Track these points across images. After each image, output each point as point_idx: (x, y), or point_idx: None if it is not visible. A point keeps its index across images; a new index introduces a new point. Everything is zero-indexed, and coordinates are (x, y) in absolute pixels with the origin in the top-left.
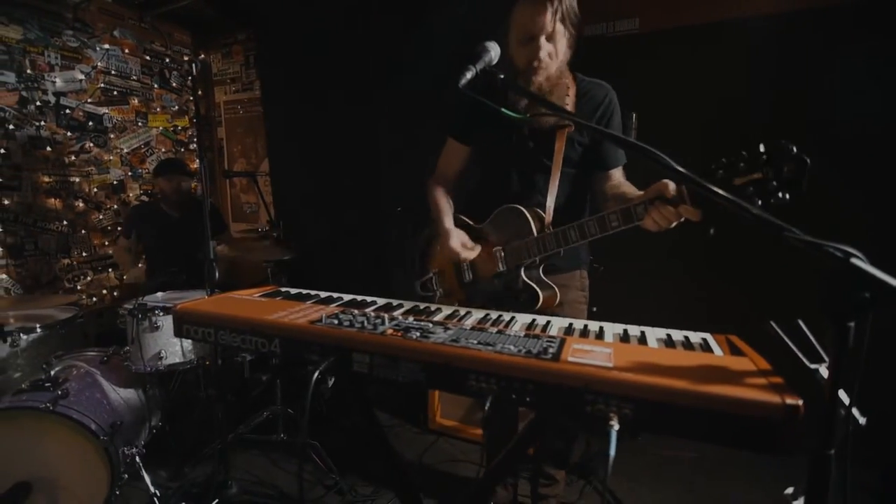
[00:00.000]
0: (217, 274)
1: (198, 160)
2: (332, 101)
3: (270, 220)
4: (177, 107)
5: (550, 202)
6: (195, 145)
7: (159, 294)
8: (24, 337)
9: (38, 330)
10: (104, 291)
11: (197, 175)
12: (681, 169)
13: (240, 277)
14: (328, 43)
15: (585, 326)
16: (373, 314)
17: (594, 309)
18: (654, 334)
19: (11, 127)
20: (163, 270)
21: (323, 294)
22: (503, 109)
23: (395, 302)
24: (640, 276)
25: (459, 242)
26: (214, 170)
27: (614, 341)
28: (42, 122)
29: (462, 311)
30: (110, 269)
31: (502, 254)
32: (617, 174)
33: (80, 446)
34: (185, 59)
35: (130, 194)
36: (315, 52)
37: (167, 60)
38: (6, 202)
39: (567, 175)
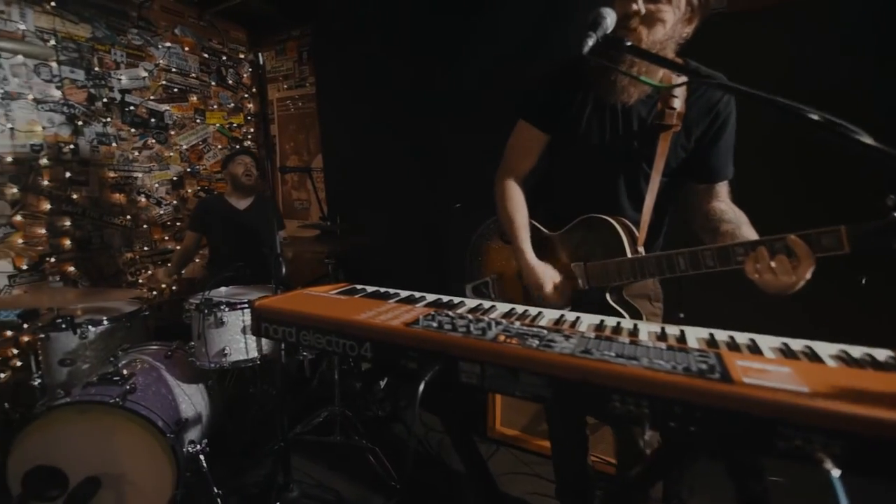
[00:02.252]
0: (284, 269)
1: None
2: (389, 94)
3: (323, 216)
4: (232, 104)
5: (646, 216)
6: (249, 142)
7: (223, 289)
8: (92, 329)
9: (105, 322)
10: (163, 286)
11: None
12: None
13: (297, 273)
14: (385, 34)
15: (732, 338)
16: (471, 316)
17: (681, 315)
18: (824, 349)
19: (80, 123)
20: (228, 265)
21: (403, 293)
22: (642, 78)
23: (486, 303)
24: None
25: (552, 283)
26: (265, 167)
27: (779, 357)
28: (108, 119)
29: (570, 316)
30: (169, 265)
31: (583, 271)
32: (724, 190)
33: (146, 443)
34: (241, 56)
35: (189, 190)
36: (371, 44)
37: (224, 58)
38: (75, 196)
39: (662, 186)
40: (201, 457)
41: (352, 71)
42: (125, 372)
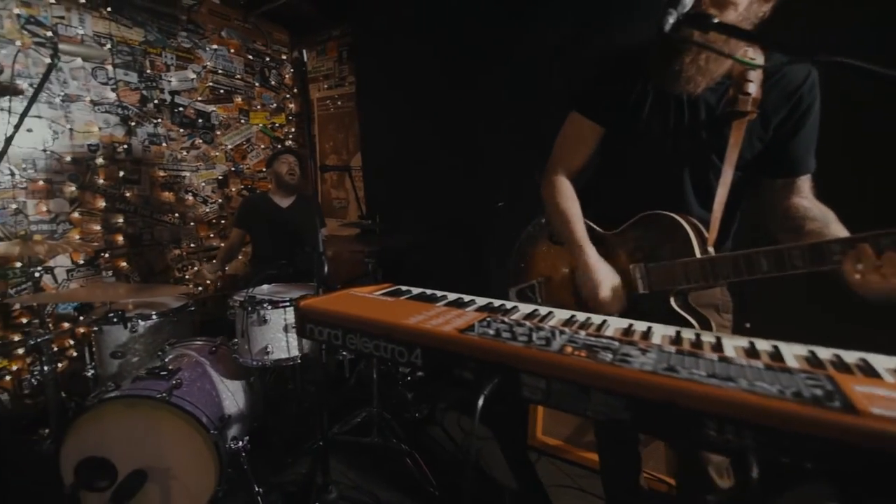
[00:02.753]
0: (326, 268)
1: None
2: (429, 91)
3: (361, 215)
4: (275, 104)
5: (717, 214)
6: (290, 142)
7: (265, 287)
8: (141, 323)
9: (154, 317)
10: (208, 282)
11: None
12: None
13: (335, 272)
14: (425, 31)
15: (838, 357)
16: (530, 324)
17: (747, 325)
18: None
19: (133, 124)
20: (271, 263)
21: (451, 295)
22: (737, 57)
23: (541, 309)
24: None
25: (610, 286)
26: (305, 166)
27: None
28: (159, 120)
29: (640, 326)
30: (214, 261)
31: (644, 273)
32: (807, 185)
33: (191, 438)
34: (284, 57)
35: (233, 189)
36: (411, 41)
37: (267, 59)
38: (128, 195)
39: (734, 180)
40: (242, 454)
41: (391, 69)
42: (172, 367)
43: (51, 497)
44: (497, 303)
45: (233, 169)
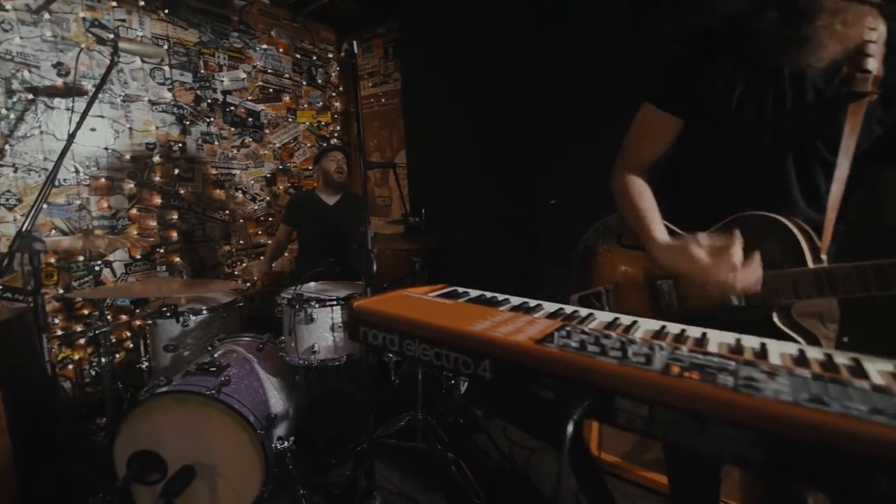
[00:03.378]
0: (375, 266)
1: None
2: (477, 84)
3: (406, 213)
4: (321, 103)
5: (832, 214)
6: (336, 140)
7: (312, 284)
8: (193, 318)
9: (205, 312)
10: (255, 278)
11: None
12: None
13: (380, 271)
14: (473, 24)
15: None
16: (615, 335)
17: (844, 339)
18: None
19: (188, 123)
20: (317, 260)
21: (514, 299)
22: None
23: (623, 318)
24: None
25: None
26: (351, 164)
27: None
28: (211, 119)
29: (750, 342)
30: (262, 257)
31: None
32: None
33: (238, 437)
34: (330, 55)
35: (280, 187)
36: (459, 35)
37: (314, 58)
38: (182, 192)
39: (850, 174)
40: (288, 455)
41: (438, 63)
42: (221, 363)
43: (105, 487)
44: (568, 309)
45: (280, 167)
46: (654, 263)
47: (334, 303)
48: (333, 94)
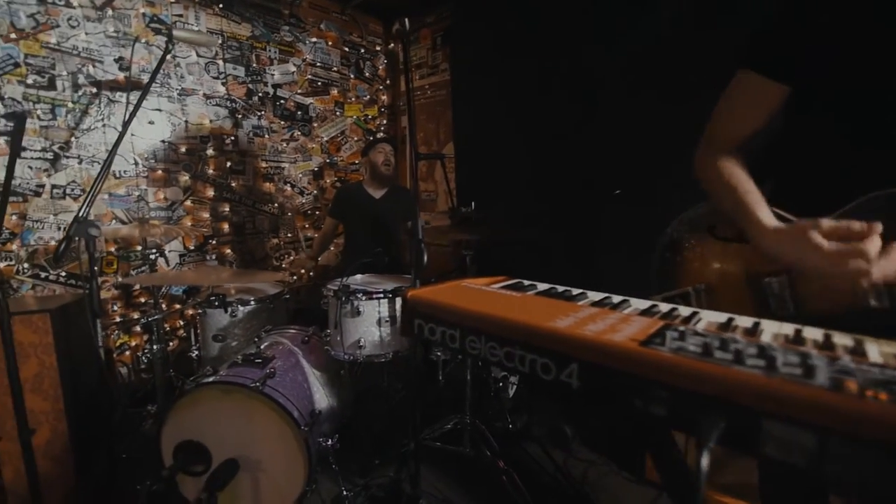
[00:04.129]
0: (426, 257)
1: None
2: (533, 69)
3: (453, 206)
4: (368, 96)
5: None
6: (382, 134)
7: (358, 276)
8: (241, 308)
9: (252, 303)
10: (302, 271)
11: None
12: None
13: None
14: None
15: None
16: (744, 340)
17: None
18: None
19: (240, 116)
20: (365, 251)
21: (591, 293)
22: None
23: (741, 319)
24: None
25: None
26: (398, 159)
27: None
28: (262, 112)
29: None
30: (309, 249)
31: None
32: None
33: (282, 432)
34: (378, 48)
35: (327, 180)
36: (513, 21)
37: (362, 51)
38: (233, 184)
39: None
40: (331, 453)
41: (490, 51)
42: (266, 354)
43: (152, 475)
44: (664, 306)
45: (327, 161)
46: (760, 257)
47: (381, 296)
48: (381, 88)
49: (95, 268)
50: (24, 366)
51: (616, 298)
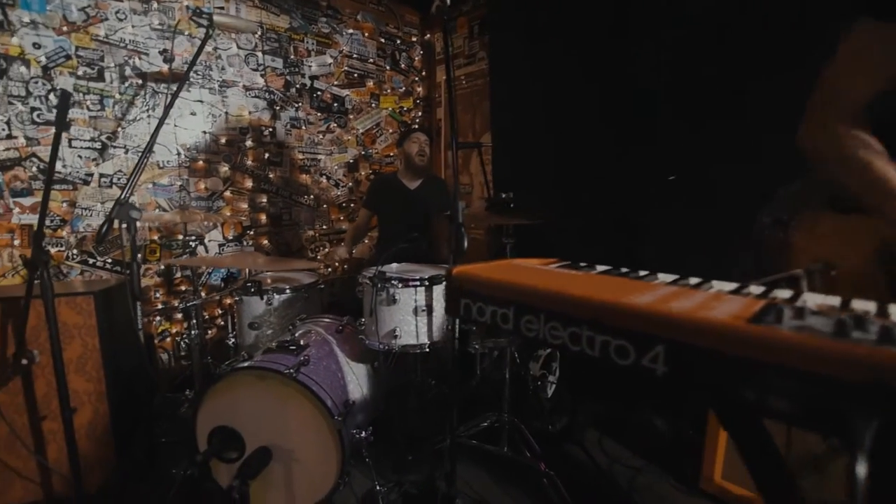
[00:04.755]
0: (466, 241)
1: None
2: (577, 47)
3: (489, 196)
4: (403, 88)
5: None
6: (416, 126)
7: (394, 265)
8: (276, 297)
9: (288, 291)
10: (336, 263)
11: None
12: None
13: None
14: None
15: None
16: (878, 320)
17: None
18: None
19: (278, 108)
20: (403, 237)
21: (663, 275)
22: None
23: (859, 302)
24: None
25: None
26: (433, 150)
27: None
28: (299, 104)
29: None
30: (343, 243)
31: None
32: None
33: (315, 421)
34: (414, 39)
35: (362, 173)
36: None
37: (398, 42)
38: (271, 176)
39: None
40: (365, 446)
41: (530, 36)
42: (301, 342)
43: (188, 459)
44: (754, 288)
45: (363, 153)
46: None
47: (418, 283)
48: (416, 79)
49: (139, 255)
50: (69, 347)
51: (693, 279)
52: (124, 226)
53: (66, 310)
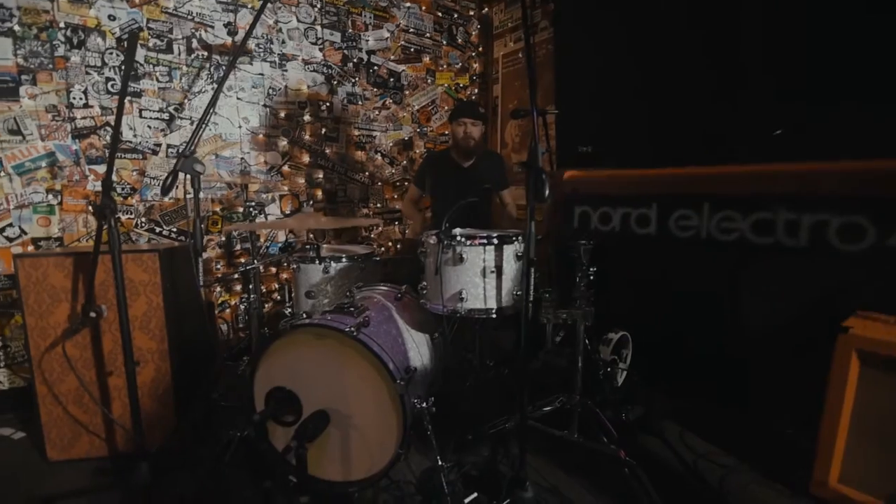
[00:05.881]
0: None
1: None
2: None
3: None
4: (460, 64)
5: None
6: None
7: (457, 230)
8: (333, 265)
9: (344, 260)
10: (389, 243)
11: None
12: None
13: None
14: None
15: None
16: None
17: None
18: None
19: (335, 83)
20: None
21: None
22: None
23: None
24: None
25: None
26: (489, 130)
27: None
28: (356, 79)
29: None
30: (397, 223)
31: None
32: None
33: (375, 385)
34: (471, 13)
35: (416, 151)
36: None
37: (455, 16)
38: (328, 152)
39: None
40: (427, 417)
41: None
42: (360, 305)
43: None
44: None
45: (417, 131)
46: None
47: (486, 241)
48: (473, 55)
49: (201, 224)
50: (135, 303)
51: None
52: (188, 178)
53: (132, 266)
